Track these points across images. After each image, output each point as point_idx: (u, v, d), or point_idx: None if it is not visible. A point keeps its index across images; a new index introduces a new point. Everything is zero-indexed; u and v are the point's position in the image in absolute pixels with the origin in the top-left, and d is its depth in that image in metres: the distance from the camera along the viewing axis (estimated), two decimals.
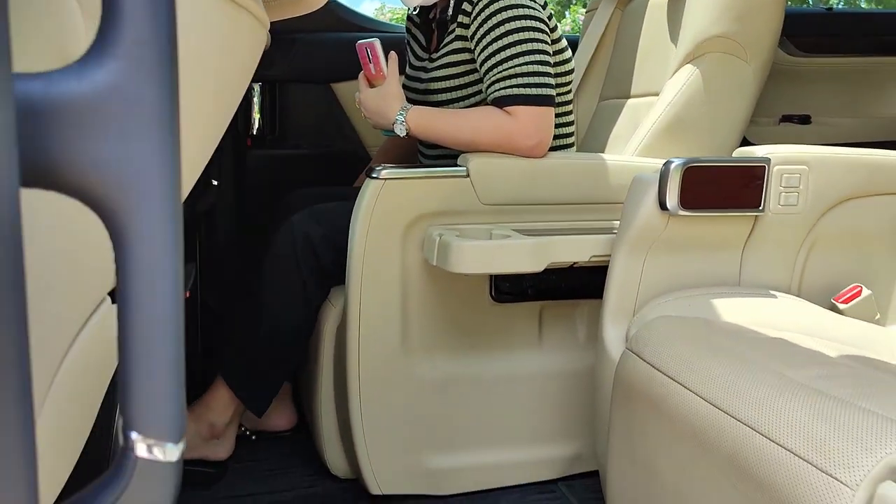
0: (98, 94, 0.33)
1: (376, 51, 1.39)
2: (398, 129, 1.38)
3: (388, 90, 1.39)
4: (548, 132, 1.33)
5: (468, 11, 1.41)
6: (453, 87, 1.48)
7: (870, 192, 1.20)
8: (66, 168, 0.34)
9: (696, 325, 1.02)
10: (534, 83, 1.33)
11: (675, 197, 1.08)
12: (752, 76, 1.53)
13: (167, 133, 0.35)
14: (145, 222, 0.35)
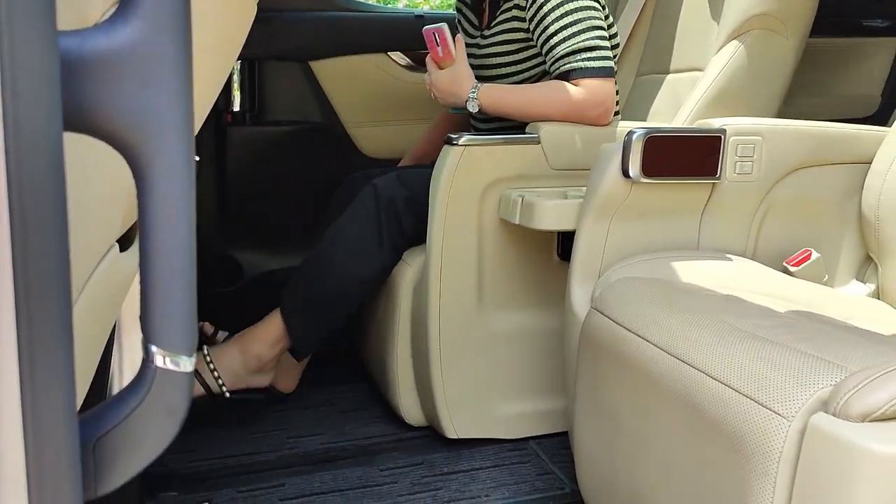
0: (124, 49, 0.39)
1: (445, 35, 1.49)
2: (471, 106, 1.49)
3: (459, 70, 1.49)
4: (611, 101, 1.45)
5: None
6: (507, 63, 1.57)
7: (819, 162, 1.27)
8: (98, 114, 0.39)
9: (657, 285, 1.09)
10: (596, 56, 1.44)
11: (637, 165, 1.15)
12: (791, 50, 1.63)
13: (183, 82, 0.40)
14: (165, 160, 0.40)
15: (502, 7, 1.57)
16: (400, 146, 2.11)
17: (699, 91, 1.59)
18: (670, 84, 1.80)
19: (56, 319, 0.37)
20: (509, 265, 1.46)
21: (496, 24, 1.58)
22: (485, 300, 1.47)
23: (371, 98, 2.08)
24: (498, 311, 1.48)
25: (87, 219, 0.56)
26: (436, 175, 1.40)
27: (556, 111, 1.44)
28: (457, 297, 1.43)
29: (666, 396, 0.92)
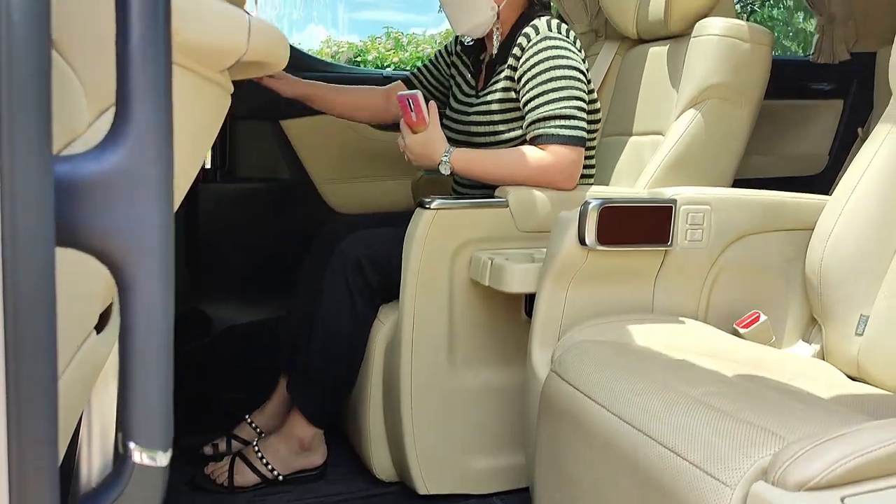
0: (112, 173, 0.43)
1: (419, 101, 1.54)
2: (443, 169, 1.55)
3: (432, 135, 1.55)
4: (576, 168, 1.52)
5: (518, 56, 1.58)
6: (494, 122, 1.64)
7: (765, 229, 1.35)
8: (86, 232, 0.43)
9: (613, 350, 1.14)
10: (569, 125, 1.50)
11: (592, 233, 1.20)
12: (745, 119, 1.74)
13: (164, 201, 0.44)
14: (146, 272, 0.44)
15: (497, 69, 1.65)
16: (368, 201, 2.16)
17: (659, 156, 1.66)
18: (633, 146, 1.89)
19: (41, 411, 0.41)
20: (479, 323, 1.51)
21: (491, 85, 1.66)
22: (456, 357, 1.51)
23: (340, 155, 2.13)
24: (469, 368, 1.52)
25: (70, 314, 0.59)
26: (408, 237, 1.45)
27: (522, 175, 1.51)
28: (428, 354, 1.47)
29: (620, 461, 0.96)
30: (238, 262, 2.08)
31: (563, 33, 1.59)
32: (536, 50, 1.55)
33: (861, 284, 1.25)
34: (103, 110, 0.54)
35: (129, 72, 0.43)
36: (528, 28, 1.59)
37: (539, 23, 1.59)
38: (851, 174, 1.29)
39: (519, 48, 1.58)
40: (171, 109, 0.44)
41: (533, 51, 1.55)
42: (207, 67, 0.61)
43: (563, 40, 1.57)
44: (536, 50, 1.55)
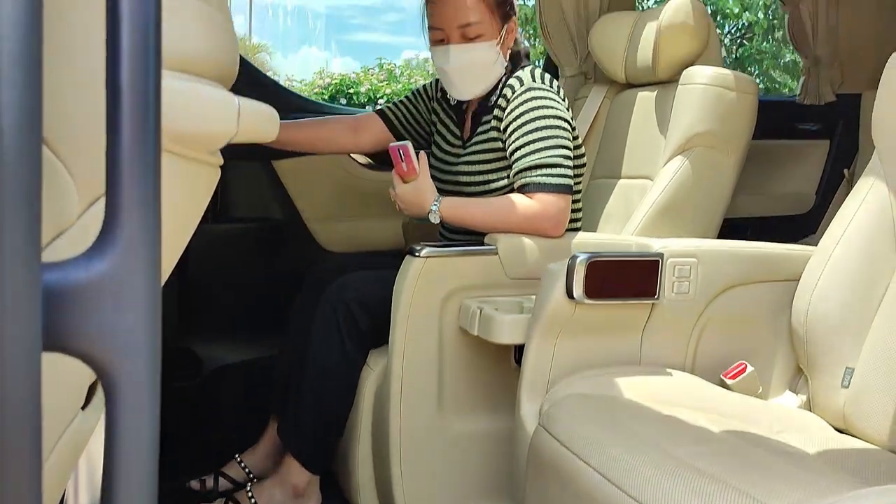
0: (100, 280, 0.44)
1: (409, 151, 1.56)
2: (433, 218, 1.56)
3: (422, 185, 1.57)
4: (564, 216, 1.53)
5: (503, 106, 1.60)
6: (483, 172, 1.65)
7: (751, 280, 1.36)
8: (73, 337, 0.44)
9: (601, 404, 1.15)
10: (555, 173, 1.52)
11: (580, 287, 1.21)
12: (731, 166, 1.76)
13: (152, 305, 0.45)
14: (132, 377, 0.45)
15: (482, 120, 1.67)
16: (359, 240, 2.17)
17: (647, 203, 1.68)
18: (622, 189, 1.91)
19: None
20: (468, 371, 1.51)
21: (478, 135, 1.68)
22: (445, 404, 1.51)
23: (331, 194, 2.14)
24: (457, 415, 1.52)
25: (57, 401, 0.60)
26: (398, 285, 1.46)
27: (511, 224, 1.53)
28: (418, 400, 1.47)
29: None
30: (229, 302, 2.08)
31: (547, 83, 1.62)
32: (522, 100, 1.57)
33: (846, 337, 1.26)
34: (94, 200, 0.55)
35: (119, 179, 0.44)
36: (513, 79, 1.62)
37: (523, 74, 1.62)
38: (836, 227, 1.31)
39: (504, 99, 1.61)
40: (159, 215, 0.45)
41: (518, 101, 1.58)
42: (197, 152, 0.62)
43: (547, 90, 1.60)
44: (522, 100, 1.57)
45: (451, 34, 1.59)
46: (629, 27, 1.92)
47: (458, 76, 1.63)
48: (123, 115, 0.44)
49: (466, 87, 1.64)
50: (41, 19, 0.40)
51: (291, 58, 32.58)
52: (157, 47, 0.44)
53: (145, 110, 0.44)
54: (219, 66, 0.62)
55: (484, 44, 1.59)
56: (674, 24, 1.78)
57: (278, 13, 32.97)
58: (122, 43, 0.43)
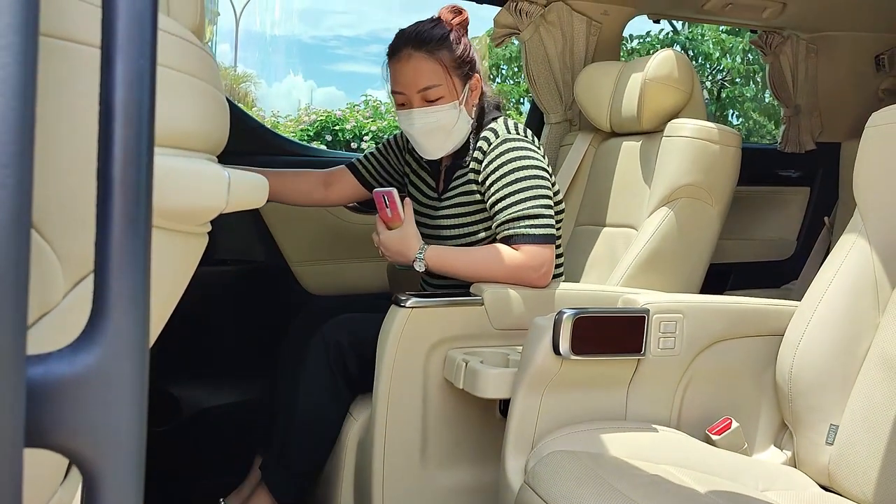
0: (85, 374, 0.43)
1: (395, 198, 1.55)
2: (418, 266, 1.56)
3: (407, 232, 1.57)
4: (550, 266, 1.53)
5: (480, 159, 1.61)
6: (463, 224, 1.65)
7: (736, 335, 1.36)
8: (57, 433, 0.43)
9: (586, 462, 1.14)
10: (538, 224, 1.53)
11: (567, 343, 1.21)
12: (716, 217, 1.78)
13: (137, 400, 0.44)
14: (116, 473, 0.44)
15: (457, 173, 1.67)
16: (343, 284, 2.16)
17: (632, 253, 1.69)
18: (606, 237, 1.92)
19: None
20: (453, 422, 1.50)
21: (452, 188, 1.68)
22: (428, 456, 1.49)
23: (315, 238, 2.13)
24: (441, 468, 1.50)
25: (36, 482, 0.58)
26: (383, 335, 1.45)
27: (497, 274, 1.53)
28: (401, 451, 1.45)
29: None
30: (209, 344, 2.06)
31: (522, 133, 1.62)
32: (499, 152, 1.57)
33: (830, 394, 1.27)
34: (78, 280, 0.54)
35: (108, 268, 0.43)
36: (487, 132, 1.62)
37: (497, 126, 1.63)
38: (818, 284, 1.32)
39: (480, 152, 1.61)
40: (149, 305, 0.44)
41: (495, 153, 1.58)
42: (186, 226, 0.61)
43: (523, 140, 1.60)
44: (499, 152, 1.57)
45: (412, 98, 1.60)
46: (614, 77, 1.94)
47: (423, 138, 1.63)
48: (114, 203, 0.43)
49: (432, 148, 1.64)
50: (34, 110, 0.40)
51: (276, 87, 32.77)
52: (151, 134, 0.44)
53: (136, 199, 0.44)
54: (210, 139, 0.62)
55: (445, 106, 1.59)
56: (659, 77, 1.80)
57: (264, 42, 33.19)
58: (114, 131, 0.43)
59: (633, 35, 13.30)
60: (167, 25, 0.56)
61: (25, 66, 0.39)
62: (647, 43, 12.92)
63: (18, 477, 0.40)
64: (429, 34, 1.59)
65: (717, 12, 2.31)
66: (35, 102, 0.39)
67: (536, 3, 2.17)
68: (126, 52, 0.42)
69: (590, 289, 1.58)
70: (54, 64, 0.47)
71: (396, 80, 1.62)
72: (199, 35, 0.66)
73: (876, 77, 2.54)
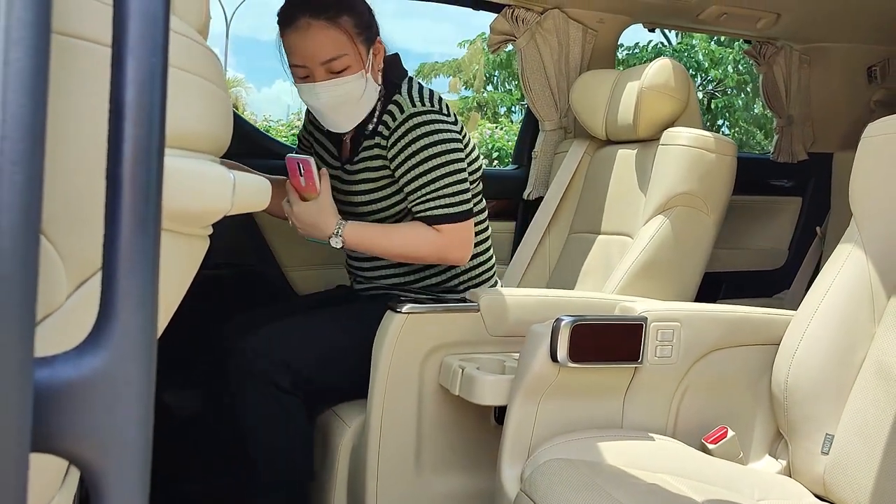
0: (92, 378, 0.42)
1: (311, 168, 1.44)
2: (334, 242, 1.49)
3: (324, 205, 1.48)
4: (471, 242, 1.53)
5: (385, 134, 1.51)
6: (377, 199, 1.57)
7: (733, 344, 1.36)
8: (62, 437, 0.42)
9: (583, 471, 1.13)
10: (455, 202, 1.50)
11: (564, 350, 1.21)
12: (711, 226, 1.78)
13: (145, 405, 0.43)
14: (121, 478, 0.43)
15: (364, 143, 1.57)
16: None
17: (628, 261, 1.69)
18: (601, 244, 1.92)
19: None
20: (448, 429, 1.49)
21: (360, 160, 1.58)
22: (423, 462, 1.48)
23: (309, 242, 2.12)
24: (436, 474, 1.49)
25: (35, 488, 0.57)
26: (378, 341, 1.44)
27: (418, 254, 1.53)
28: (395, 458, 1.44)
29: None
30: (201, 351, 2.04)
31: (427, 101, 1.52)
32: (404, 130, 1.49)
33: (826, 404, 1.27)
34: (82, 281, 0.53)
35: (116, 270, 0.42)
36: (391, 105, 1.52)
37: (401, 98, 1.52)
38: (815, 293, 1.32)
39: (385, 126, 1.52)
40: (157, 308, 0.44)
41: (402, 130, 1.49)
42: (191, 227, 0.61)
43: (430, 112, 1.51)
44: (404, 130, 1.49)
45: (315, 71, 1.46)
46: (610, 85, 1.95)
47: (331, 112, 1.51)
48: (123, 203, 0.43)
49: (340, 121, 1.53)
50: (45, 108, 0.39)
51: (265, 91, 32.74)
52: (162, 133, 0.43)
53: (146, 199, 0.43)
54: (216, 140, 0.61)
55: (352, 76, 1.47)
56: (655, 85, 1.81)
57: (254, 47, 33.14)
58: (125, 131, 0.42)
59: (622, 44, 13.38)
60: (174, 24, 0.55)
61: (37, 62, 0.38)
62: (634, 55, 13.00)
63: (24, 483, 0.39)
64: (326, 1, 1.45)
65: (711, 22, 2.32)
66: (46, 100, 0.38)
67: (533, 11, 2.17)
68: (138, 50, 0.42)
69: (586, 296, 1.58)
70: (63, 62, 0.47)
71: (294, 52, 1.47)
72: (204, 35, 0.66)
73: (868, 88, 2.56)
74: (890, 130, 1.28)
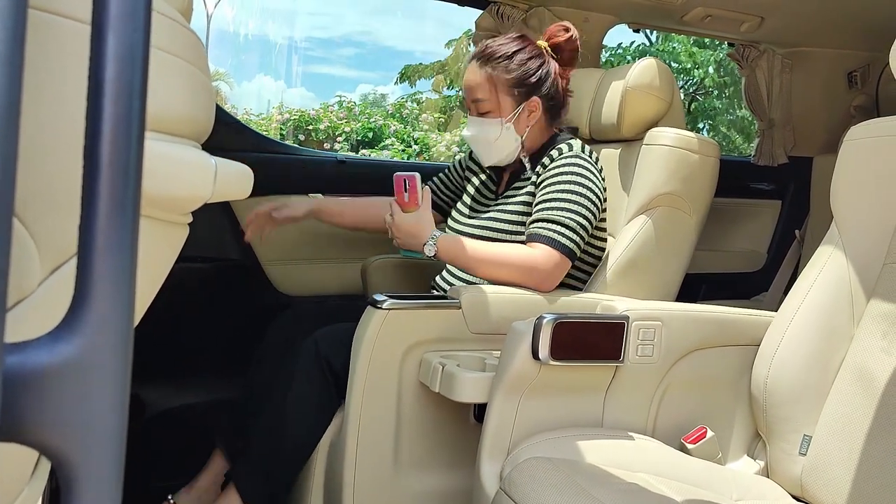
0: (65, 365, 0.40)
1: (416, 182, 1.57)
2: (428, 250, 1.56)
3: (423, 216, 1.58)
4: (560, 276, 1.55)
5: (546, 165, 1.64)
6: (505, 231, 1.65)
7: (713, 344, 1.36)
8: (32, 426, 0.40)
9: (563, 469, 1.13)
10: (568, 235, 1.54)
11: (546, 348, 1.20)
12: (694, 227, 1.78)
13: (120, 394, 0.42)
14: (93, 470, 0.41)
15: (522, 177, 1.70)
16: (314, 284, 2.13)
17: (611, 259, 1.69)
18: None
19: None
20: (427, 426, 1.48)
21: (512, 191, 1.71)
22: (401, 460, 1.47)
23: (289, 237, 2.10)
24: (414, 472, 1.48)
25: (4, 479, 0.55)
26: (358, 336, 1.43)
27: (504, 268, 1.54)
28: (373, 456, 1.43)
29: None
30: (177, 343, 2.01)
31: (589, 156, 1.66)
32: (562, 163, 1.61)
33: (804, 405, 1.27)
34: (57, 266, 0.51)
35: (92, 252, 0.41)
36: (562, 144, 1.67)
37: (574, 142, 1.68)
38: (795, 295, 1.33)
39: (549, 158, 1.65)
40: (133, 293, 0.42)
41: (559, 163, 1.62)
42: (170, 214, 0.59)
43: (589, 162, 1.64)
44: (562, 163, 1.61)
45: (468, 105, 1.70)
46: (595, 84, 1.95)
47: (473, 144, 1.73)
48: (101, 185, 0.41)
49: (481, 155, 1.72)
50: (20, 87, 0.37)
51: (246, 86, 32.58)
52: (142, 113, 0.41)
53: (125, 181, 0.41)
54: (198, 125, 0.60)
55: (492, 120, 1.66)
56: (640, 85, 1.81)
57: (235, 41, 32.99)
58: (104, 109, 0.40)
59: (605, 46, 13.43)
60: (156, 4, 0.54)
61: (12, 38, 0.36)
62: (617, 55, 13.06)
63: None
64: (494, 50, 1.66)
65: (696, 24, 2.33)
66: (22, 79, 0.37)
67: (518, 8, 2.17)
68: (118, 27, 0.40)
69: (568, 294, 1.58)
70: (39, 38, 0.45)
71: (463, 84, 1.72)
72: (187, 17, 0.64)
73: (848, 93, 2.58)
74: (871, 134, 1.29)
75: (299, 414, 1.50)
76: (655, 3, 2.14)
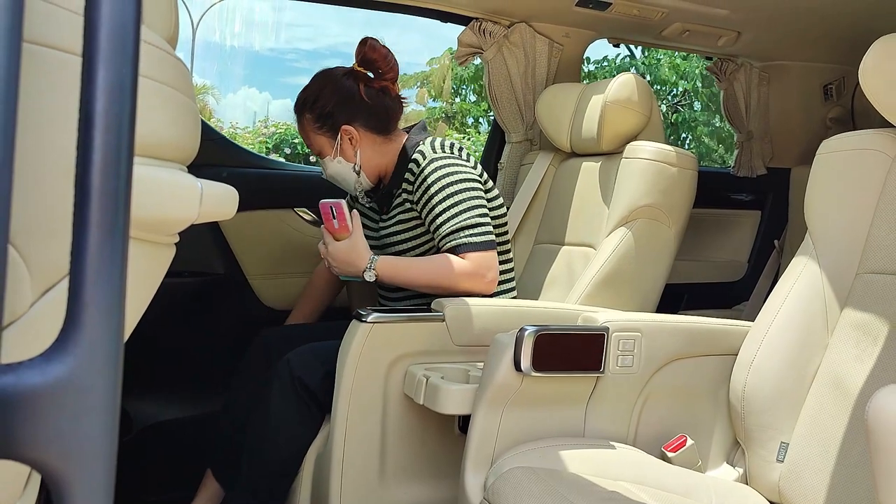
0: (57, 385, 0.42)
1: (343, 210, 1.57)
2: (368, 276, 1.58)
3: (357, 243, 1.59)
4: (496, 270, 1.59)
5: (411, 180, 1.66)
6: (404, 240, 1.70)
7: (692, 354, 1.39)
8: (26, 444, 0.42)
9: (545, 479, 1.15)
10: (478, 232, 1.58)
11: (528, 360, 1.22)
12: (673, 238, 1.81)
13: (110, 414, 0.43)
14: (86, 488, 0.43)
15: (394, 197, 1.72)
16: None
17: (591, 272, 1.72)
18: (565, 255, 1.94)
19: None
20: (412, 438, 1.50)
21: (393, 210, 1.73)
22: (387, 471, 1.48)
23: (275, 251, 2.12)
24: (399, 484, 1.50)
25: None
26: (343, 349, 1.44)
27: (447, 283, 1.57)
28: (359, 467, 1.45)
29: None
30: (164, 357, 2.02)
31: (448, 150, 1.67)
32: (427, 173, 1.63)
33: (781, 413, 1.30)
34: (48, 288, 0.53)
35: (84, 277, 0.42)
36: (416, 154, 1.67)
37: (424, 147, 1.68)
38: (771, 305, 1.36)
39: (411, 173, 1.67)
40: (123, 316, 0.44)
41: (424, 174, 1.63)
42: (158, 235, 0.61)
43: (449, 157, 1.65)
44: (427, 173, 1.63)
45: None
46: (575, 98, 1.98)
47: (332, 183, 1.78)
48: (92, 211, 0.43)
49: (345, 190, 1.78)
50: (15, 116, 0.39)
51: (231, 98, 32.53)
52: (131, 142, 0.43)
53: (114, 207, 0.43)
54: (184, 149, 0.61)
55: (327, 161, 1.72)
56: (619, 100, 1.84)
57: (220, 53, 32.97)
58: (94, 139, 0.42)
59: (590, 58, 13.55)
60: (144, 34, 0.55)
61: (8, 71, 0.38)
62: (603, 68, 13.17)
63: None
64: (300, 99, 1.72)
65: (674, 39, 2.37)
66: (17, 108, 0.39)
67: (500, 24, 2.20)
68: (108, 60, 0.42)
69: (549, 306, 1.60)
70: (33, 70, 0.47)
71: None
72: (173, 45, 0.66)
73: (824, 106, 2.63)
74: (843, 147, 1.33)
75: (283, 433, 1.51)
76: (634, 19, 2.18)
